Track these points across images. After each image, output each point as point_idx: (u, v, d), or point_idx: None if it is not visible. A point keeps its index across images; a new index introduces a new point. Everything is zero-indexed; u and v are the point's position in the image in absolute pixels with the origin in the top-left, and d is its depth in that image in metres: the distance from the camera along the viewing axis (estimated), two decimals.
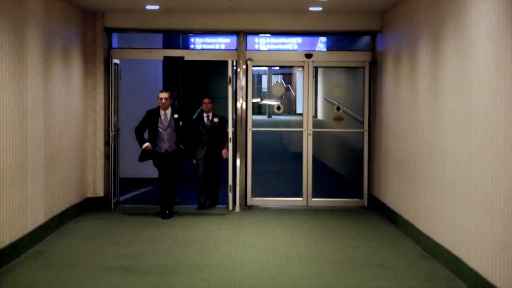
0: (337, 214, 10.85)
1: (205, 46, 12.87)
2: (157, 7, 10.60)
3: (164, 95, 10.31)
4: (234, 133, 11.55)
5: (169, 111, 10.32)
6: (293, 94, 26.20)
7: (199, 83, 21.47)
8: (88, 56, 10.91)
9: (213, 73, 21.22)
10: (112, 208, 11.03)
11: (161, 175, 10.43)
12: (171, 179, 10.40)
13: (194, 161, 11.13)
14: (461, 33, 7.06)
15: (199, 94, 15.33)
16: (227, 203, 11.25)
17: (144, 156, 10.46)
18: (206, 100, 11.23)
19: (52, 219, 9.03)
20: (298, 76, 25.26)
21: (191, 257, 7.79)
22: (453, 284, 6.88)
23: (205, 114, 11.17)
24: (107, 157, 11.10)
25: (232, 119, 11.39)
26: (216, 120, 11.19)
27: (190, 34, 12.73)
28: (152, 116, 10.37)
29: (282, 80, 26.53)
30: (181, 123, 10.38)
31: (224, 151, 11.14)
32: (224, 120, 11.25)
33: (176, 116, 10.34)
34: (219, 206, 11.32)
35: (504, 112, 5.85)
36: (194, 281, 6.90)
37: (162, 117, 10.30)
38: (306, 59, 11.71)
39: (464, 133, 6.89)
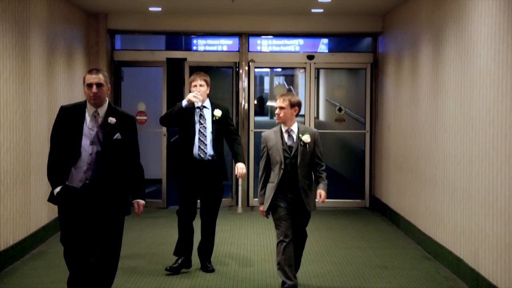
0: (338, 215, 10.87)
1: (207, 48, 12.90)
2: (159, 9, 10.64)
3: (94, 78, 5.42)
4: None
5: (102, 110, 5.48)
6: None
7: None
8: (91, 58, 10.95)
9: (214, 74, 21.25)
10: None
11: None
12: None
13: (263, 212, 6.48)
14: (462, 34, 7.08)
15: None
16: (229, 203, 11.29)
17: None
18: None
19: (55, 220, 9.07)
20: (300, 78, 25.30)
21: (193, 258, 7.81)
22: (454, 285, 6.90)
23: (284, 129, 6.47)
24: None
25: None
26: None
27: (192, 36, 12.76)
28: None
29: (284, 82, 26.57)
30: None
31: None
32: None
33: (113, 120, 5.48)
34: (221, 206, 11.32)
35: (505, 113, 5.87)
36: (196, 282, 6.93)
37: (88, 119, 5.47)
38: (308, 61, 11.75)
39: (465, 134, 6.92)
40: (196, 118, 7.11)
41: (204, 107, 7.19)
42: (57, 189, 5.39)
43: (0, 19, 7.14)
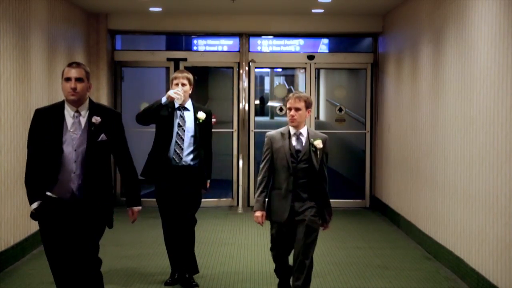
0: (339, 215, 10.86)
1: (207, 48, 12.91)
2: (160, 9, 10.65)
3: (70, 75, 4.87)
4: (237, 134, 11.61)
5: (84, 111, 4.87)
6: None
7: (200, 84, 21.44)
8: (91, 58, 10.96)
9: (214, 74, 21.25)
10: None
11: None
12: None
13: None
14: (462, 34, 7.09)
15: (199, 95, 15.36)
16: (229, 203, 11.29)
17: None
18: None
19: None
20: (301, 78, 25.32)
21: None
22: (454, 285, 6.90)
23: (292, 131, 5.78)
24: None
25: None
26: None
27: (193, 36, 12.78)
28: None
29: (285, 82, 26.57)
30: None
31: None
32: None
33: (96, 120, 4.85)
34: (222, 206, 11.34)
35: (505, 113, 5.88)
36: (197, 283, 6.93)
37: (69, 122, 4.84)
38: (308, 61, 11.76)
39: (465, 134, 6.92)
40: (176, 120, 6.46)
41: (185, 108, 6.53)
42: (34, 205, 4.80)
43: (1, 20, 7.16)
